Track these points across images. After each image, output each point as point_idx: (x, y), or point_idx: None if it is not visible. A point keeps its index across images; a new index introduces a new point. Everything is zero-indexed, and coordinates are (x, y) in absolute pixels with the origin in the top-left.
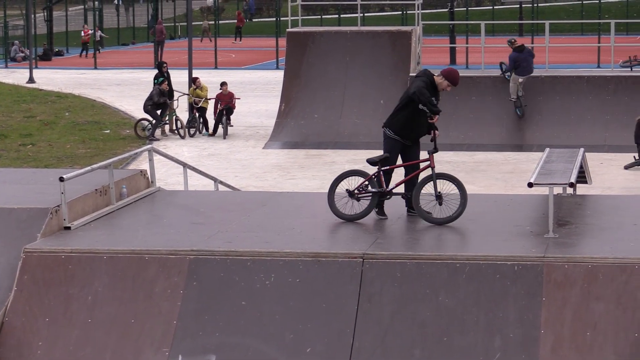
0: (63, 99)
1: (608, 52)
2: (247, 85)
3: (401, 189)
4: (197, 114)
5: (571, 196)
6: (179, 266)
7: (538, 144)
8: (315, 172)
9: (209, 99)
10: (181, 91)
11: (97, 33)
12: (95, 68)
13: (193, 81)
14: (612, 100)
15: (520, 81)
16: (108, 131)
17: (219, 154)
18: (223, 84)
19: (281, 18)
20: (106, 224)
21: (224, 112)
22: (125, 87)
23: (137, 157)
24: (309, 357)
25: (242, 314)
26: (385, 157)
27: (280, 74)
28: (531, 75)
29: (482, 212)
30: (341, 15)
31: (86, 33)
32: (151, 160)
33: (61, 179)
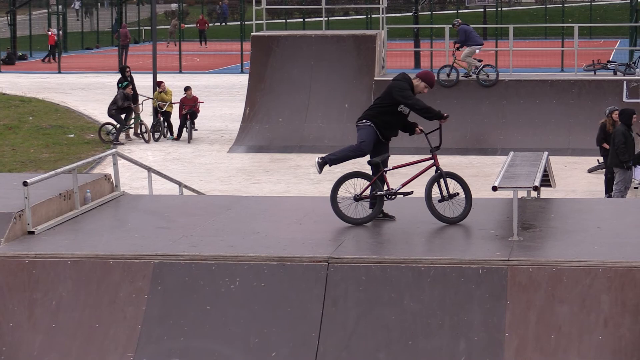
0: (27, 103)
1: (572, 56)
2: (212, 89)
3: (406, 189)
4: (162, 118)
5: (535, 200)
6: (144, 271)
7: (502, 148)
8: (280, 176)
9: (174, 103)
10: (146, 95)
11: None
12: (59, 72)
13: (158, 85)
14: (576, 104)
15: (477, 52)
16: (72, 135)
17: (184, 158)
18: (187, 88)
19: (246, 22)
20: (70, 229)
21: (188, 116)
22: (89, 92)
23: (102, 162)
24: None
25: (207, 318)
26: (386, 158)
27: (245, 78)
28: (480, 46)
29: None
30: (306, 19)
31: (51, 36)
32: (115, 164)
33: (25, 184)
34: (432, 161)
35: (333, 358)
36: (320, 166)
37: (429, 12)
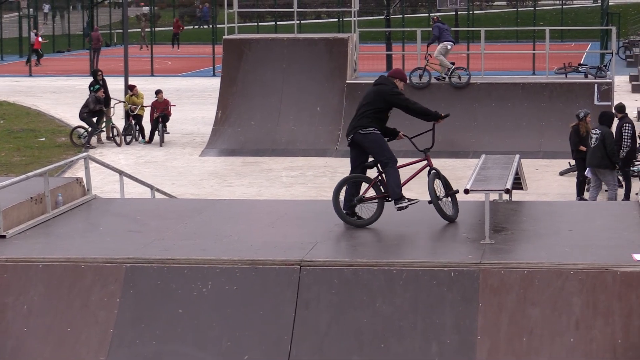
0: None
1: (543, 59)
2: (184, 92)
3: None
4: (133, 122)
5: (507, 202)
6: (116, 274)
7: (474, 151)
8: (252, 180)
9: (145, 107)
10: (117, 98)
11: (39, 38)
12: (30, 75)
13: (130, 88)
14: (547, 106)
15: (448, 48)
16: (43, 139)
17: (156, 162)
18: (158, 92)
19: (217, 25)
20: (42, 233)
21: (160, 120)
22: (60, 95)
23: (73, 165)
24: None
25: (179, 322)
26: (367, 166)
27: (216, 81)
28: (452, 44)
29: (419, 219)
30: (278, 22)
31: (37, 40)
32: (87, 168)
33: None
34: (426, 162)
35: None
36: (404, 207)
37: (401, 15)
